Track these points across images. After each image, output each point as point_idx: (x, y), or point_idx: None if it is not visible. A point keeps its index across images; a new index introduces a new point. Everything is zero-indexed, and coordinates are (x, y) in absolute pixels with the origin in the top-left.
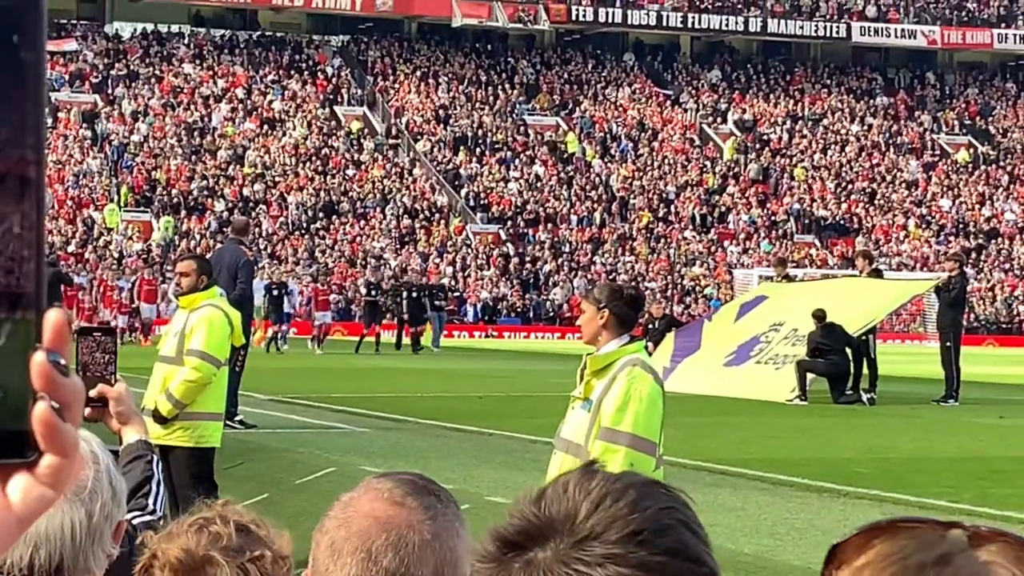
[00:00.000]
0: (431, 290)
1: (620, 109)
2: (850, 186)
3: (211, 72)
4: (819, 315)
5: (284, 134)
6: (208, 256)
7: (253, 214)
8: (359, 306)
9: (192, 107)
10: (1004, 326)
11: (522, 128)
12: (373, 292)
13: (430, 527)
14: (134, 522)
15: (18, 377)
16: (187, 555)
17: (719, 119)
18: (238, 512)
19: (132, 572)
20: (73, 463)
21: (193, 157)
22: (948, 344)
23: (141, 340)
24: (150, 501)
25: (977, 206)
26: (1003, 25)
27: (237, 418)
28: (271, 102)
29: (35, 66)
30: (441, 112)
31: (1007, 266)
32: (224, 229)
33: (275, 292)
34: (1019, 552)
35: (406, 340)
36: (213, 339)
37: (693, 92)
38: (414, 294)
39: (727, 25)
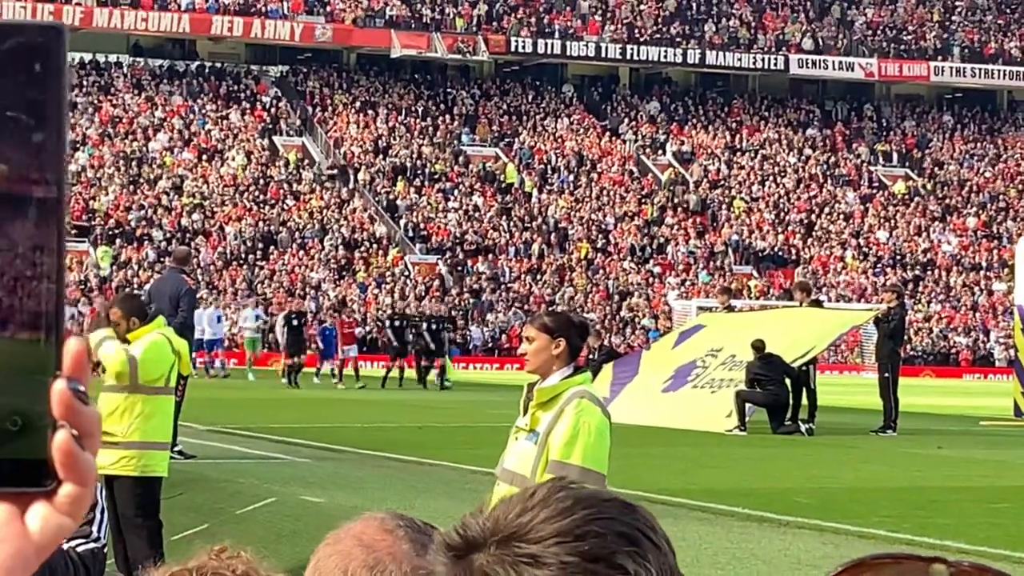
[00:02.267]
0: (444, 322)
1: (559, 140)
2: (788, 217)
3: (149, 102)
4: (758, 345)
5: (223, 164)
6: (148, 286)
7: (192, 244)
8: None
9: (130, 137)
10: (940, 357)
11: (461, 159)
12: (397, 323)
13: (411, 561)
14: (78, 549)
15: (37, 404)
16: None
17: (658, 150)
18: (230, 564)
19: None
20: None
21: (131, 187)
22: (886, 375)
23: None
24: (94, 528)
25: (914, 237)
26: (940, 57)
27: (176, 448)
28: (209, 132)
29: (57, 95)
30: (380, 142)
31: (943, 297)
32: (162, 259)
33: (294, 323)
34: None
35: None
36: (148, 354)
37: (632, 123)
38: (433, 326)
39: (666, 57)
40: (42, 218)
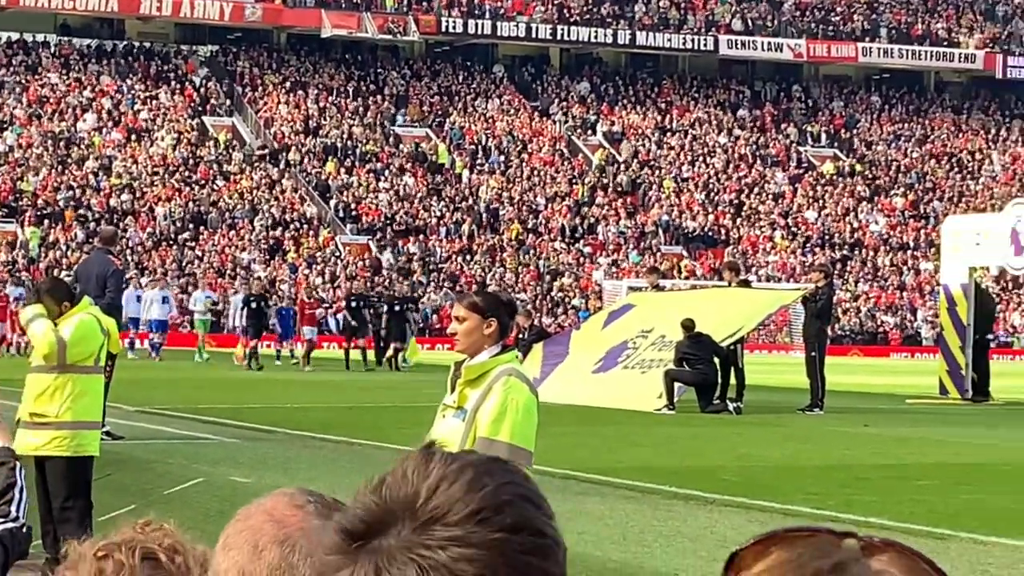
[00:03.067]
0: (408, 302)
1: (490, 121)
2: (717, 198)
3: (78, 82)
4: (688, 325)
5: (152, 144)
6: (75, 267)
7: (121, 225)
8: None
9: (58, 117)
10: (868, 336)
11: (392, 139)
12: (355, 304)
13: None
14: None
15: None
16: None
17: (588, 131)
18: (156, 537)
19: None
20: None
21: (60, 167)
22: (813, 354)
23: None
24: (13, 508)
25: (842, 218)
26: (867, 39)
27: (105, 429)
28: (138, 112)
29: None
30: (310, 123)
31: (871, 277)
32: (91, 240)
33: (253, 305)
34: (910, 562)
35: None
36: (77, 333)
37: (562, 104)
38: (396, 307)
39: (596, 38)
40: None
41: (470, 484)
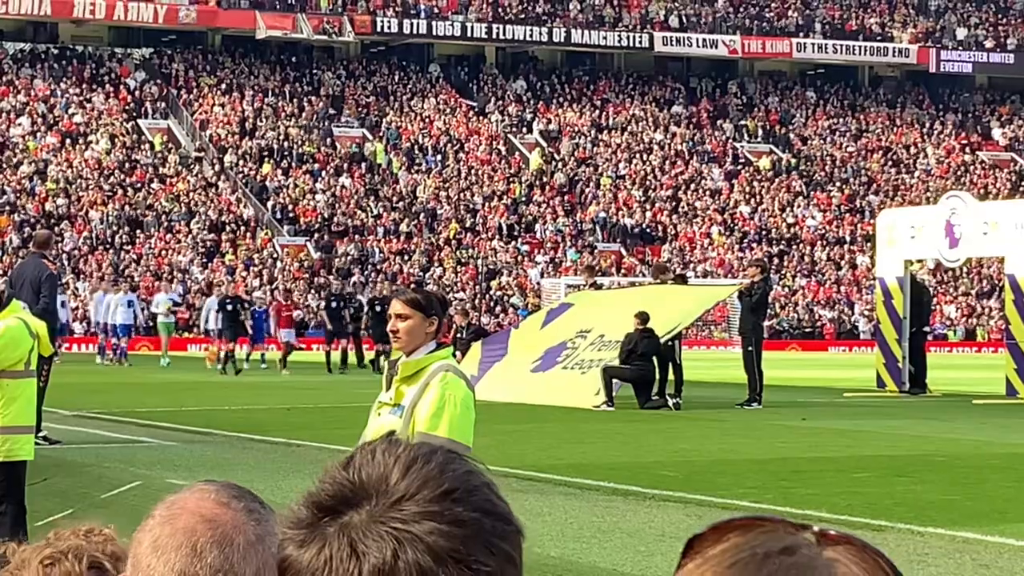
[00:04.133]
0: (387, 303)
1: (426, 120)
2: (654, 194)
3: (11, 86)
4: (644, 317)
5: (87, 148)
6: (10, 272)
7: (56, 229)
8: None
9: None
10: (806, 331)
11: (328, 140)
12: (334, 304)
13: (254, 529)
14: None
15: None
16: None
17: (524, 129)
18: (100, 545)
19: None
20: None
21: None
22: (750, 348)
23: None
24: None
25: (779, 213)
26: (801, 34)
27: (41, 434)
28: (73, 116)
29: None
30: (246, 124)
31: (808, 272)
32: (26, 245)
33: (229, 307)
34: (863, 555)
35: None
36: (3, 339)
37: (498, 103)
38: (377, 307)
39: (531, 36)
40: None
41: (442, 467)
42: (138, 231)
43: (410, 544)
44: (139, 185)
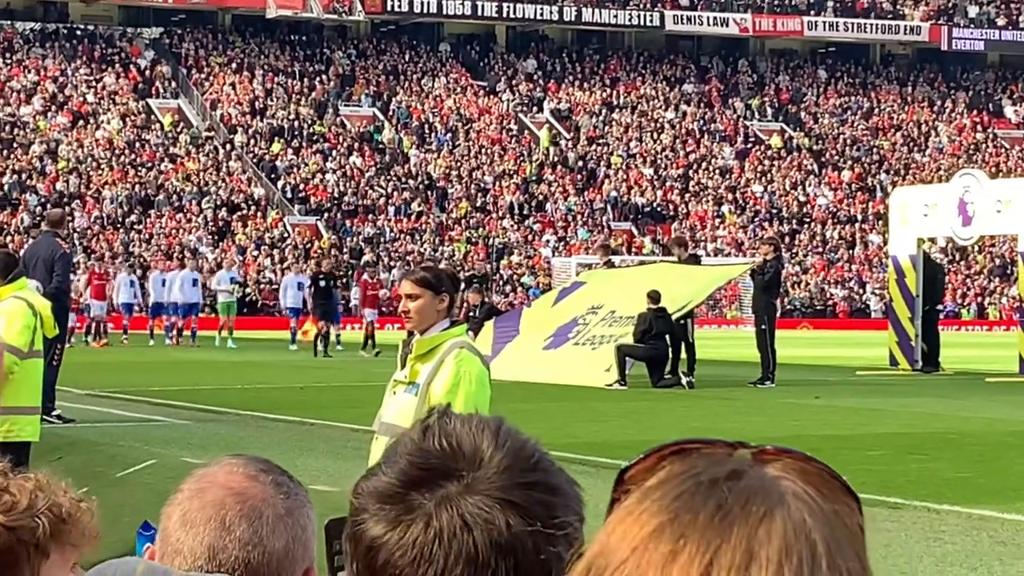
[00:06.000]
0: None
1: (437, 99)
2: (665, 173)
3: (21, 66)
4: (654, 296)
5: (98, 128)
6: (23, 251)
7: (68, 209)
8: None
9: (2, 101)
10: (818, 309)
11: (339, 119)
12: (323, 283)
13: (283, 503)
14: None
15: None
16: None
17: (535, 108)
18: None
19: None
20: None
21: (5, 152)
22: (763, 327)
23: None
24: None
25: (790, 191)
26: (813, 12)
27: (55, 413)
28: (84, 96)
29: None
30: (257, 104)
31: (819, 250)
32: (38, 224)
33: (322, 284)
34: (803, 466)
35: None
36: (12, 328)
37: (509, 81)
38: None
39: (542, 14)
40: None
41: (519, 435)
42: (149, 211)
43: (516, 512)
44: (150, 165)
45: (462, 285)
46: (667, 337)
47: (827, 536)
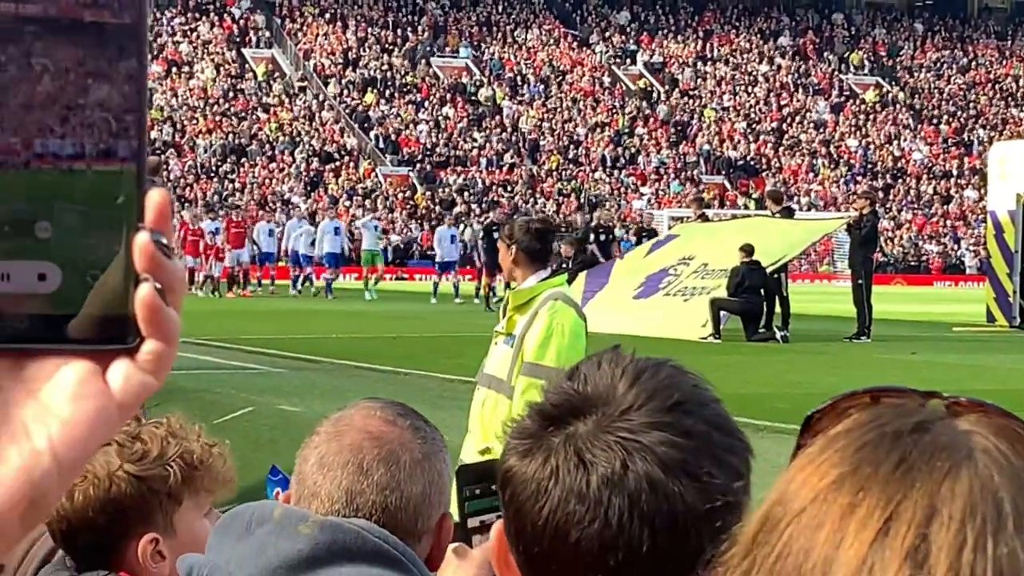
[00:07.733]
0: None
1: (529, 51)
2: (759, 127)
3: None
4: (748, 249)
5: (192, 77)
6: None
7: (162, 158)
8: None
9: None
10: (912, 264)
11: (431, 70)
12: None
13: (421, 447)
14: None
15: (117, 258)
16: None
17: (628, 61)
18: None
19: None
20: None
21: None
22: (860, 282)
23: None
24: None
25: (885, 146)
26: None
27: None
28: (178, 45)
29: None
30: (350, 54)
31: (914, 205)
32: None
33: (496, 234)
34: (999, 421)
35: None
36: None
37: (602, 33)
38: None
39: None
40: (122, 44)
41: (671, 378)
42: (242, 160)
43: (639, 454)
44: (243, 114)
45: (553, 237)
46: (761, 291)
47: (1016, 496)
